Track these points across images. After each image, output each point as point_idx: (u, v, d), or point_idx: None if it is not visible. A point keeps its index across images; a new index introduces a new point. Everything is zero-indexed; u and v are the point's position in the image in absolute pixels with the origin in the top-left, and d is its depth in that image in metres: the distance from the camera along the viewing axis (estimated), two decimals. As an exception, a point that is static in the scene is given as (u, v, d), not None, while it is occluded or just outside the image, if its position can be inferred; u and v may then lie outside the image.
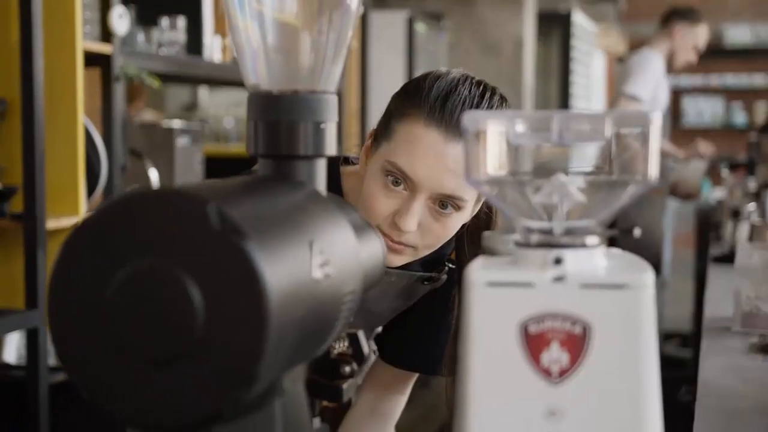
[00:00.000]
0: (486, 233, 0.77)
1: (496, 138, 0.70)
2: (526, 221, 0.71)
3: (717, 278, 2.58)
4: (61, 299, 0.63)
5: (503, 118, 0.70)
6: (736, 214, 3.16)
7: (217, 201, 0.61)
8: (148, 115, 4.79)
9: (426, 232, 1.31)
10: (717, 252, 3.14)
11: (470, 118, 0.70)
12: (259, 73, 0.80)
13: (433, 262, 1.47)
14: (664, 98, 4.71)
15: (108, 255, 0.62)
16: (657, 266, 4.58)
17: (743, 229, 2.90)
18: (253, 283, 0.60)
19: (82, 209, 2.51)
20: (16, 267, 2.39)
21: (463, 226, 1.38)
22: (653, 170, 0.68)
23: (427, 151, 1.27)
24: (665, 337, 5.44)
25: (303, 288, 0.65)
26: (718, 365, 1.64)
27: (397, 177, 1.29)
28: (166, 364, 0.61)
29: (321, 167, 0.80)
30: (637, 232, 0.69)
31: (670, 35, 4.58)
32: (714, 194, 6.70)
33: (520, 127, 0.70)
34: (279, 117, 0.79)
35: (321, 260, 0.69)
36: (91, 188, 2.57)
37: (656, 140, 0.68)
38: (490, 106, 1.31)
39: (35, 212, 2.31)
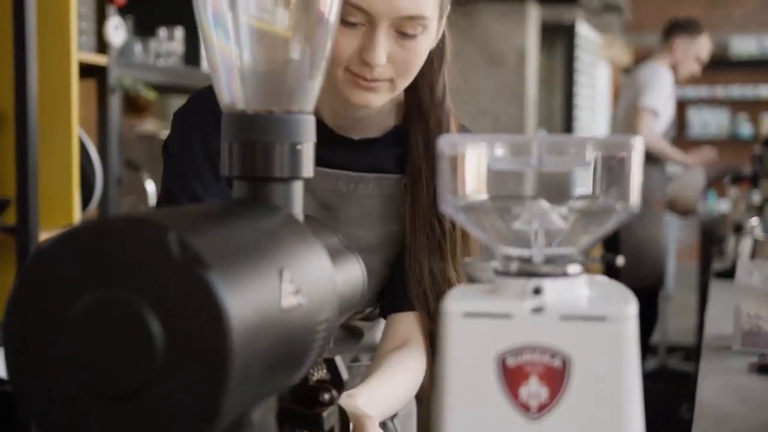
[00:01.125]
0: (466, 259, 0.74)
1: (474, 162, 0.68)
2: (505, 248, 0.68)
3: (719, 294, 2.55)
4: (17, 329, 0.60)
5: (482, 141, 0.68)
6: (738, 229, 3.12)
7: (180, 229, 0.59)
8: (149, 125, 4.77)
9: (397, 62, 1.27)
10: (719, 267, 3.11)
11: (446, 141, 0.67)
12: (234, 93, 0.78)
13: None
14: (670, 111, 4.72)
15: (66, 284, 0.59)
16: (660, 276, 4.53)
17: (746, 244, 2.87)
18: (216, 315, 0.57)
19: (77, 222, 2.49)
20: (8, 280, 2.37)
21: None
22: (635, 197, 0.65)
23: None
24: (669, 350, 5.40)
25: (271, 318, 0.63)
26: (717, 385, 1.61)
27: (352, 16, 1.23)
28: (125, 399, 0.58)
29: (298, 189, 0.78)
30: (620, 260, 0.66)
31: (671, 48, 4.59)
32: (719, 206, 6.66)
33: (499, 151, 0.67)
34: (254, 138, 0.76)
35: (292, 289, 0.66)
36: (86, 200, 2.54)
37: (638, 166, 0.65)
38: None
39: (28, 225, 2.28)
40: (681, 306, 6.01)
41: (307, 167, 0.78)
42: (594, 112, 8.02)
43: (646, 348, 4.43)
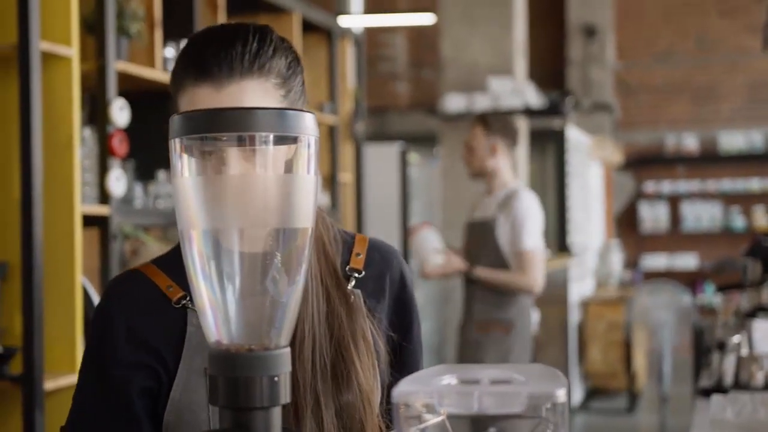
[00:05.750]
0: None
1: (424, 407, 0.78)
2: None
3: (702, 418, 2.61)
4: None
5: (432, 392, 0.78)
6: (722, 346, 3.20)
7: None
8: (153, 248, 4.86)
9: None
10: (706, 383, 3.17)
11: (399, 392, 0.78)
12: (219, 332, 0.89)
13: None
14: None
15: None
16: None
17: (729, 362, 2.94)
18: None
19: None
20: (14, 430, 2.45)
21: None
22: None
23: (204, 105, 1.20)
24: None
25: None
26: None
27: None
28: None
29: (276, 415, 0.89)
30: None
31: None
32: (716, 299, 6.73)
33: (446, 400, 0.78)
34: (236, 373, 0.87)
35: None
36: (89, 345, 2.64)
37: (565, 412, 0.76)
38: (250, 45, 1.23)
39: (33, 375, 2.38)
40: (682, 403, 6.04)
41: (285, 394, 0.89)
42: (588, 213, 8.15)
43: None
